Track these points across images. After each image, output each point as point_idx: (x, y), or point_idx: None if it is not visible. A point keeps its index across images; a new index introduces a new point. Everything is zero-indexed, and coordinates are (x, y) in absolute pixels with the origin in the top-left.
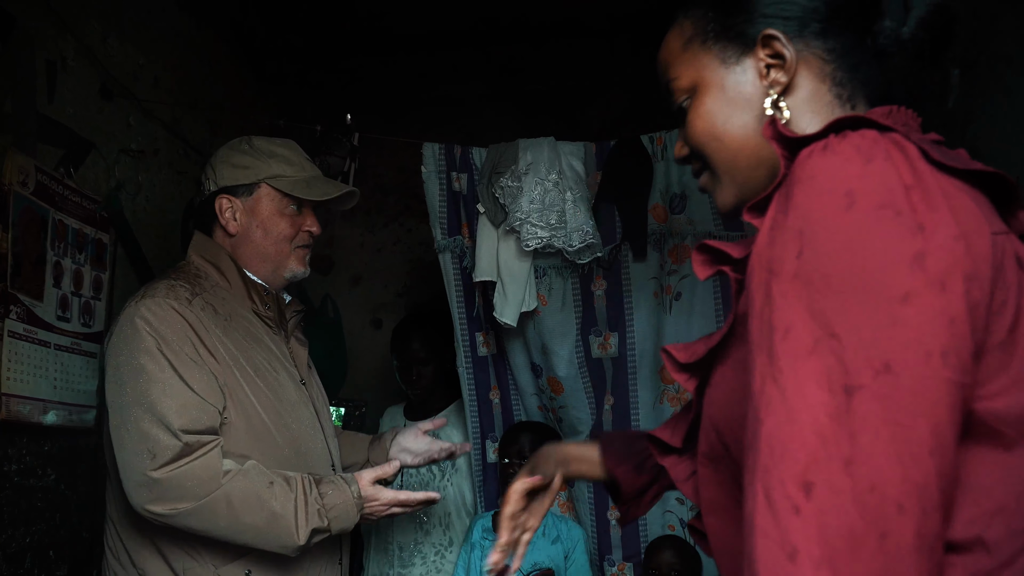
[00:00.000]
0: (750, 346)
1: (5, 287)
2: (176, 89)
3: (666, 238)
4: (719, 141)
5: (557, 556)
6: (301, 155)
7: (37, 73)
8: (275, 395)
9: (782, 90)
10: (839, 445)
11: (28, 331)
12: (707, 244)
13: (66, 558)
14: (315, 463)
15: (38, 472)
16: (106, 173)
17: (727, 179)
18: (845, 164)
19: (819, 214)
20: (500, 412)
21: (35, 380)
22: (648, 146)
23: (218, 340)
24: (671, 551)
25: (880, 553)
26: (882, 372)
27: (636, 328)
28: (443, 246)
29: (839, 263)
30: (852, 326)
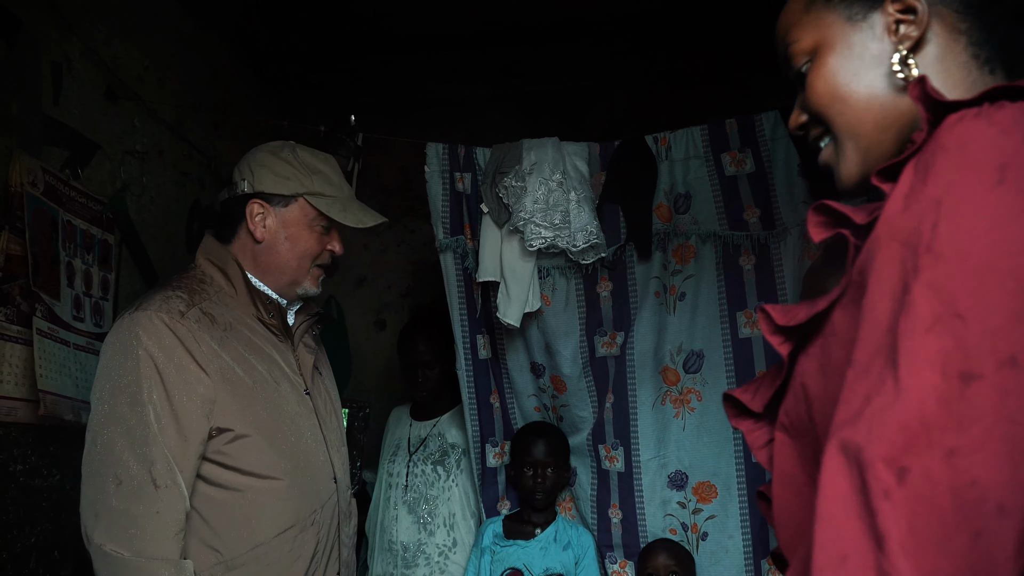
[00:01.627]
0: (863, 315)
1: (29, 285)
2: (180, 91)
3: (670, 238)
4: (843, 102)
5: (568, 562)
6: (339, 174)
7: (42, 75)
8: (273, 407)
9: (912, 46)
10: (944, 433)
11: (52, 329)
12: (826, 204)
13: (70, 558)
14: (315, 476)
15: (43, 472)
16: (111, 174)
17: (851, 145)
18: (1001, 136)
19: (964, 186)
20: (500, 416)
21: (62, 378)
22: (652, 146)
23: (212, 354)
24: (666, 553)
25: (971, 553)
26: (1007, 365)
27: (637, 328)
28: (445, 246)
29: (979, 241)
30: (981, 310)
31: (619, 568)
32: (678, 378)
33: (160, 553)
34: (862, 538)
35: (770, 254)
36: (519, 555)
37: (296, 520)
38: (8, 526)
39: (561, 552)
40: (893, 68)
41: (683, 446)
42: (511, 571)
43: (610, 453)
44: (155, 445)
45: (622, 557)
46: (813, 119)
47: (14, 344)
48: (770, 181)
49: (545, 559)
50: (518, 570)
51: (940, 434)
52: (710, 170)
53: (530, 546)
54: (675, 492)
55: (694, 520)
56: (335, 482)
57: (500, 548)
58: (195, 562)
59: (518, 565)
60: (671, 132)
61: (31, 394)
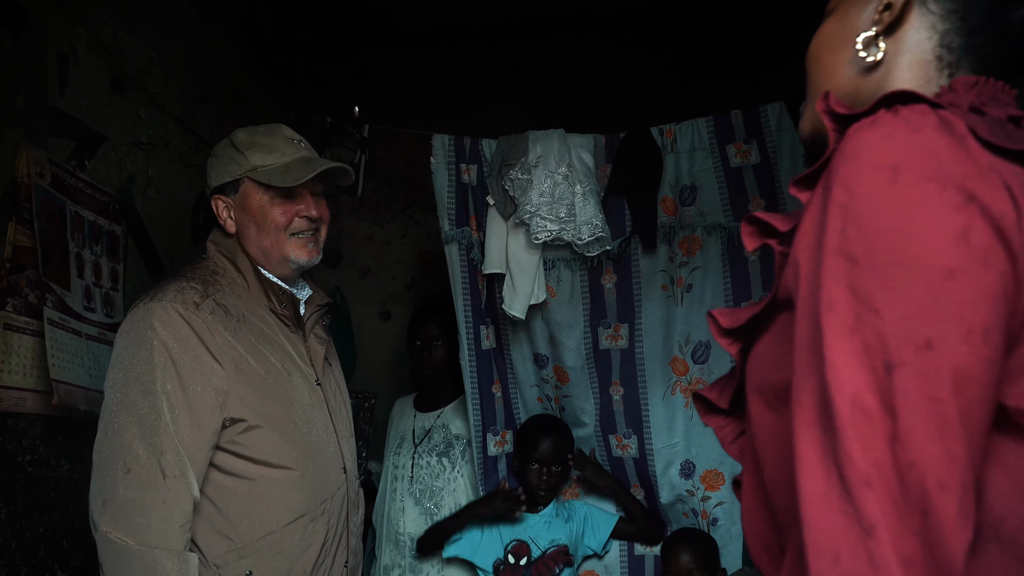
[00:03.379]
0: (796, 318)
1: (39, 275)
2: (186, 83)
3: (676, 230)
4: (816, 65)
5: (571, 533)
6: (282, 139)
7: (48, 67)
8: (285, 398)
9: (883, 30)
10: (882, 422)
11: (63, 319)
12: (755, 216)
13: (80, 548)
14: (326, 466)
15: (51, 462)
16: (117, 166)
17: (810, 105)
18: (891, 138)
19: (863, 188)
20: (503, 406)
21: (75, 368)
22: (658, 138)
23: (226, 345)
24: (688, 554)
25: (924, 530)
26: (923, 348)
27: (645, 320)
28: (450, 237)
29: (882, 238)
30: (894, 302)
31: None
32: (687, 368)
33: (164, 543)
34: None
35: None
36: (524, 528)
37: (307, 509)
38: (17, 516)
39: (564, 524)
40: (856, 47)
41: (691, 435)
42: (516, 543)
43: (623, 442)
44: (165, 435)
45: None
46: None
47: (22, 335)
48: (775, 172)
49: (550, 531)
50: (524, 542)
51: (879, 423)
52: (715, 162)
53: (535, 520)
54: (684, 481)
55: (703, 507)
56: (344, 472)
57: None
58: (207, 549)
59: (524, 537)
60: (676, 124)
61: (39, 384)
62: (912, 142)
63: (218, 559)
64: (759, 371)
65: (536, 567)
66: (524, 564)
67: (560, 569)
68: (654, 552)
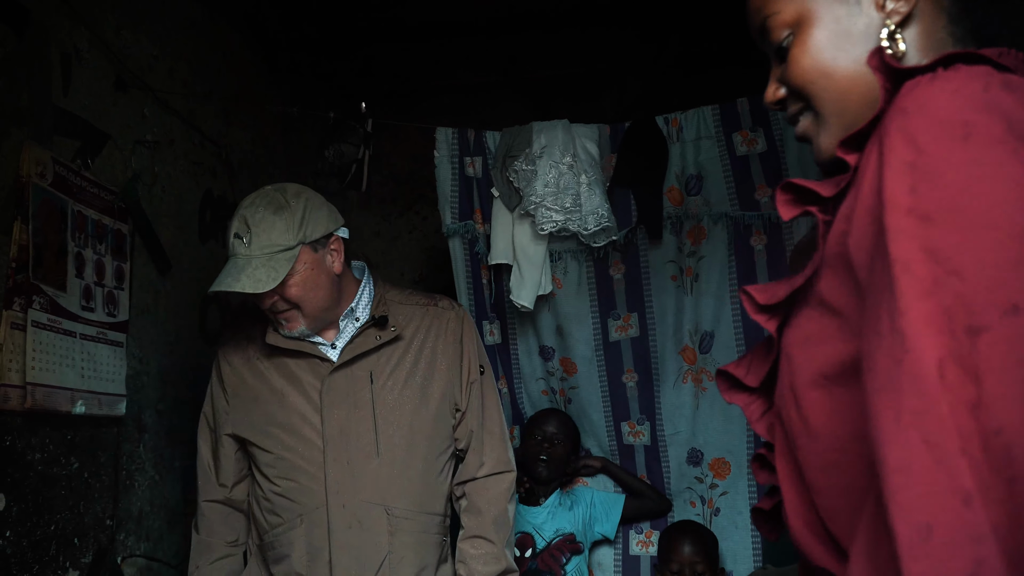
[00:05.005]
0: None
1: (28, 278)
2: (190, 80)
3: (683, 220)
4: (828, 78)
5: (577, 520)
6: (232, 235)
7: (52, 66)
8: (267, 418)
9: (900, 21)
10: (963, 388)
11: (52, 321)
12: (792, 183)
13: (90, 546)
14: (301, 485)
15: (61, 460)
16: (122, 164)
17: (834, 120)
18: (958, 93)
19: (934, 145)
20: (508, 402)
21: (61, 369)
22: (663, 127)
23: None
24: (691, 546)
25: (1010, 500)
26: (1010, 313)
27: (655, 309)
28: (452, 230)
29: (961, 197)
30: (977, 264)
31: (644, 537)
32: (695, 357)
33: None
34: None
35: (781, 234)
36: (529, 520)
37: (280, 522)
38: (27, 514)
39: (567, 512)
40: (881, 43)
41: (699, 424)
42: (520, 535)
43: (635, 428)
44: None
45: (648, 527)
46: (793, 93)
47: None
48: (782, 160)
49: (554, 521)
50: (528, 534)
51: (960, 390)
52: (721, 150)
53: (538, 511)
54: (693, 468)
55: (710, 495)
56: (326, 494)
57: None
58: (251, 538)
59: (528, 529)
60: (682, 113)
61: None
62: (983, 100)
63: (251, 548)
64: (801, 346)
65: (542, 558)
66: (529, 556)
67: (567, 558)
68: (649, 553)
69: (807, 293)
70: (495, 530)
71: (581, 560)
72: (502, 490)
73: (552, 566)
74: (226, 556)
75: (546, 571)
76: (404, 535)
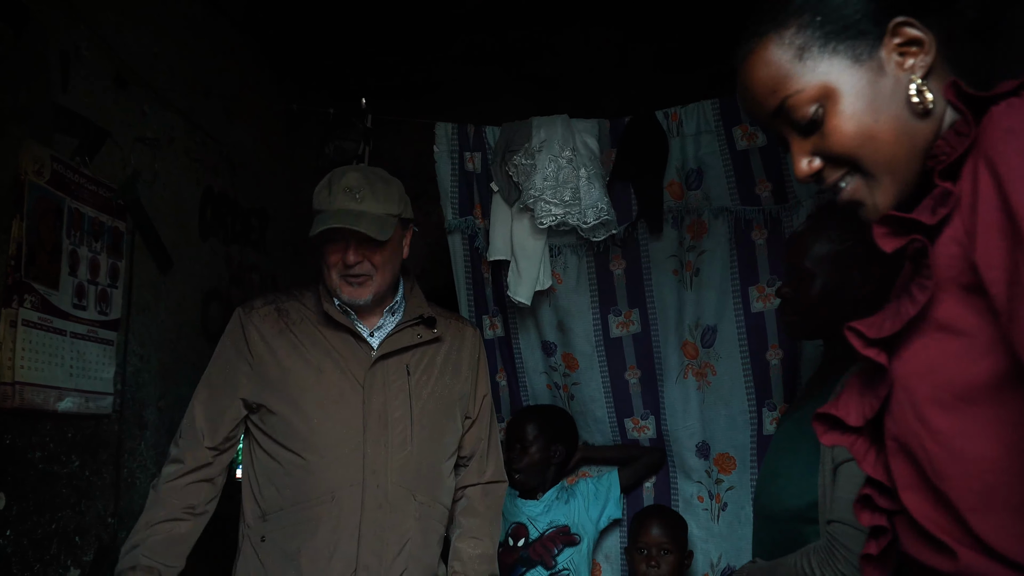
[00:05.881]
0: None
1: (20, 277)
2: (190, 77)
3: (683, 215)
4: (875, 140)
5: (573, 512)
6: (343, 187)
7: (51, 63)
8: (303, 391)
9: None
10: None
11: (43, 319)
12: (893, 216)
13: (92, 544)
14: (339, 460)
15: (62, 459)
16: (122, 162)
17: (888, 179)
18: None
19: None
20: (508, 395)
21: (50, 368)
22: (663, 122)
23: (262, 340)
24: (659, 528)
25: None
26: None
27: (656, 304)
28: (453, 226)
29: None
30: None
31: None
32: (697, 352)
33: (155, 486)
34: None
35: (782, 228)
36: (524, 511)
37: (311, 496)
38: (28, 512)
39: (564, 506)
40: (911, 98)
41: (705, 418)
42: (515, 525)
43: (639, 424)
44: (191, 406)
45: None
46: (832, 162)
47: None
48: (782, 154)
49: (549, 514)
50: (522, 524)
51: None
52: (721, 145)
53: (534, 504)
54: (701, 461)
55: (717, 490)
56: (364, 472)
57: (510, 504)
58: (247, 509)
59: (522, 520)
60: (682, 107)
61: None
62: None
63: (250, 520)
64: (924, 375)
65: (533, 548)
66: (521, 545)
67: (559, 549)
68: None
69: (920, 322)
70: (491, 533)
71: (574, 552)
72: (499, 496)
73: (543, 556)
74: (177, 519)
75: (537, 560)
76: (425, 522)
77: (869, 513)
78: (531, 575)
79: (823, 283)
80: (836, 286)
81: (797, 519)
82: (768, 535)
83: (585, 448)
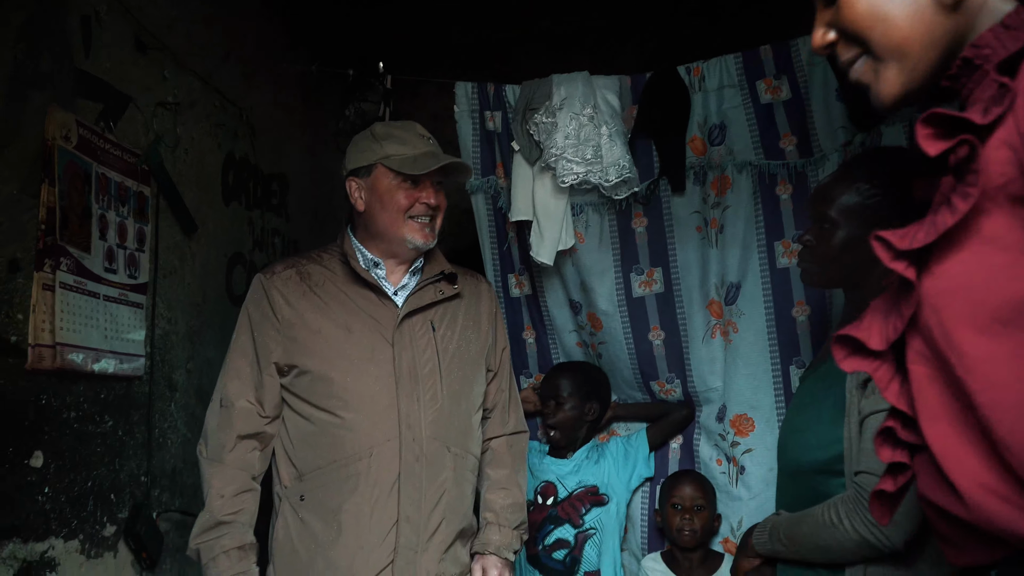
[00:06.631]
0: None
1: (56, 239)
2: (208, 41)
3: (706, 170)
4: (887, 22)
5: (601, 473)
6: (416, 134)
7: (72, 29)
8: (334, 350)
9: None
10: None
11: (78, 282)
12: (938, 113)
13: (126, 501)
14: (373, 417)
15: (95, 418)
16: (144, 126)
17: (895, 65)
18: None
19: None
20: (536, 352)
21: (86, 330)
22: (685, 77)
23: (289, 304)
24: (692, 485)
25: None
26: None
27: (680, 263)
28: (475, 187)
29: None
30: None
31: None
32: (721, 310)
33: (216, 456)
34: None
35: (807, 182)
36: (553, 470)
37: (348, 453)
38: (64, 471)
39: (594, 466)
40: None
41: (727, 378)
42: (545, 484)
43: (665, 387)
44: (228, 375)
45: None
46: (846, 39)
47: None
48: (807, 107)
49: (578, 475)
50: (551, 483)
51: None
52: (744, 99)
53: (564, 463)
54: (717, 424)
55: (733, 453)
56: (400, 427)
57: (539, 463)
58: (282, 472)
59: (551, 479)
60: (704, 62)
61: None
62: None
63: (287, 482)
64: (959, 293)
65: (562, 507)
66: (550, 504)
67: (587, 509)
68: None
69: (960, 234)
70: (519, 483)
71: (602, 512)
72: (523, 447)
73: (571, 515)
74: (251, 490)
75: (565, 519)
76: (460, 472)
77: (890, 448)
78: (559, 532)
79: (846, 233)
80: (859, 238)
81: (821, 472)
82: (792, 489)
83: (616, 406)
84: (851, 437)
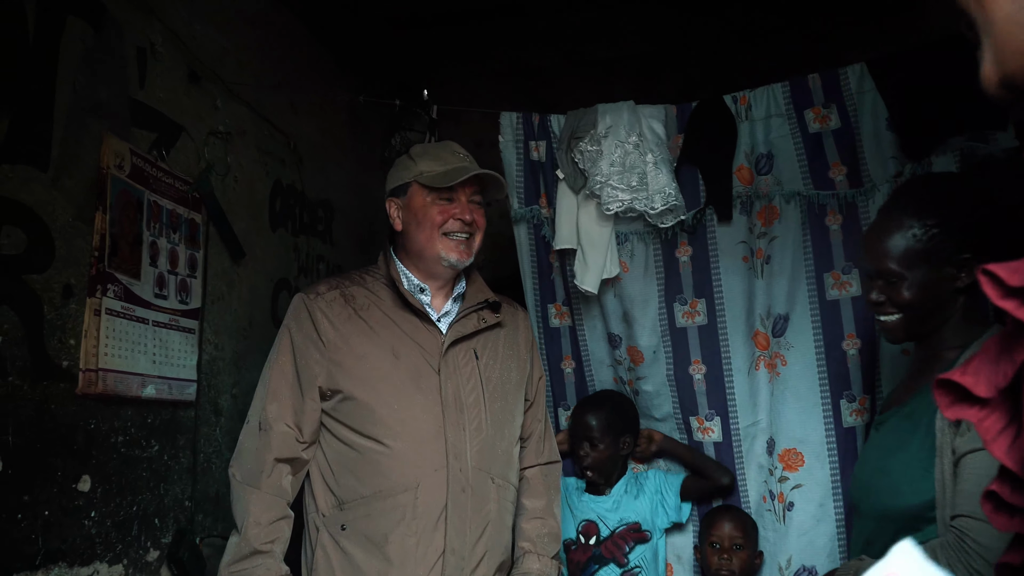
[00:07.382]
0: None
1: (103, 267)
2: (258, 71)
3: (753, 200)
4: None
5: (643, 508)
6: (451, 151)
7: (128, 60)
8: (379, 377)
9: None
10: None
11: (126, 308)
12: None
13: (170, 526)
14: (419, 447)
15: (142, 443)
16: (196, 155)
17: (986, 42)
18: None
19: None
20: (574, 382)
21: (133, 355)
22: (731, 106)
23: (334, 327)
24: (732, 523)
25: None
26: None
27: (725, 294)
28: (519, 216)
29: None
30: None
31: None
32: (768, 342)
33: (253, 482)
34: None
35: (858, 213)
36: (593, 508)
37: (395, 483)
38: (111, 495)
39: (633, 502)
40: None
41: (773, 412)
42: (586, 523)
43: (703, 424)
44: (268, 397)
45: None
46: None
47: None
48: (857, 137)
49: (618, 511)
50: (592, 522)
51: None
52: (792, 128)
53: (603, 500)
54: (767, 458)
55: (780, 488)
56: (447, 458)
57: (578, 500)
58: (320, 499)
59: (592, 517)
60: (751, 90)
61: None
62: None
63: (325, 510)
64: None
65: (605, 546)
66: (593, 543)
67: (631, 547)
68: None
69: None
70: (555, 513)
71: (647, 548)
72: (556, 477)
73: (615, 553)
74: (286, 517)
75: (609, 558)
76: (502, 503)
77: (1006, 517)
78: (603, 572)
79: (914, 279)
80: (931, 282)
81: (915, 518)
82: (877, 534)
83: (664, 440)
84: (944, 479)
